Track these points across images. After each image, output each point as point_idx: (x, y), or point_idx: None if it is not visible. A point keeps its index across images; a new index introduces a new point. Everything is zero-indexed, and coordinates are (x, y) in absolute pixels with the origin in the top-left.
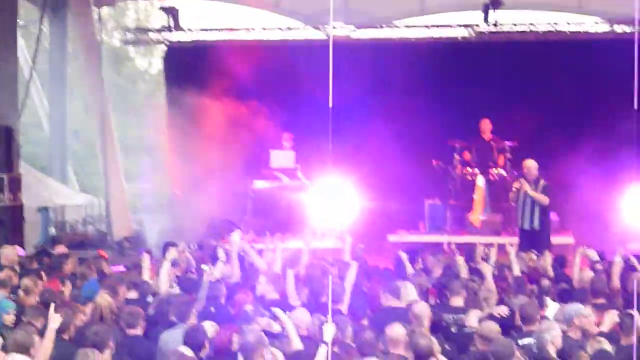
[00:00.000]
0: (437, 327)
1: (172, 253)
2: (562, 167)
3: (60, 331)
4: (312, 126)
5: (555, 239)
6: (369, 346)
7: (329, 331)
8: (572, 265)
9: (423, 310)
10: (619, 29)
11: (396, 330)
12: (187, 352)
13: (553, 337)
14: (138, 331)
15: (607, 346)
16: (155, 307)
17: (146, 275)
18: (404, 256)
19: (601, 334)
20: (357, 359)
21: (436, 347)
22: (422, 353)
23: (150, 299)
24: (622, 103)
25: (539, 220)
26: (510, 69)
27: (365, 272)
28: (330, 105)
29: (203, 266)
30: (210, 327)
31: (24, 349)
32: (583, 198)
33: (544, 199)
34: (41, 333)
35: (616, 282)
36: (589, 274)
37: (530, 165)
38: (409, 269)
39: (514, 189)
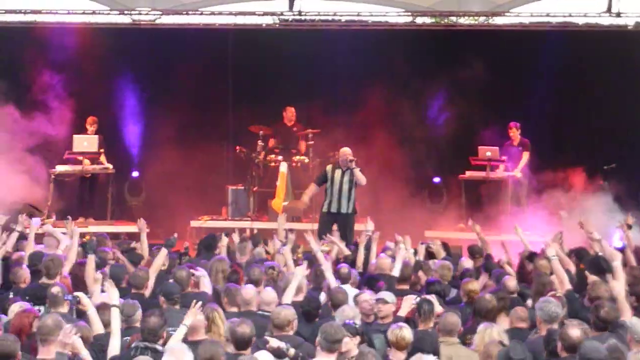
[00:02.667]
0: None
1: None
2: (363, 155)
3: None
4: (121, 110)
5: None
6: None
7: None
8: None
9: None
10: (420, 20)
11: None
12: None
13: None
14: None
15: (407, 331)
16: None
17: None
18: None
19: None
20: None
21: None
22: (242, 341)
23: None
24: (424, 91)
25: (349, 204)
26: (314, 57)
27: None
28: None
29: None
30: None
31: None
32: (384, 186)
33: (363, 179)
34: None
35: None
36: (385, 261)
37: (344, 151)
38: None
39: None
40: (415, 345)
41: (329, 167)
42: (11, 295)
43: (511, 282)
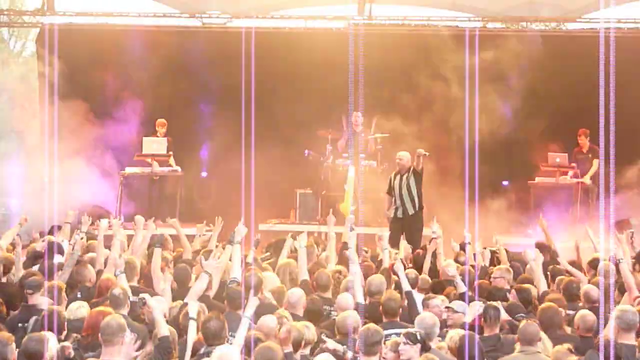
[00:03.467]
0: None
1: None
2: (432, 158)
3: None
4: (190, 113)
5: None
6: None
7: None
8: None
9: (299, 297)
10: (492, 25)
11: (268, 322)
12: (51, 337)
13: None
14: None
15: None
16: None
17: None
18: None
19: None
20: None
21: (313, 336)
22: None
23: None
24: (494, 96)
25: (414, 205)
26: (383, 61)
27: None
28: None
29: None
30: (81, 309)
31: None
32: (451, 189)
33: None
34: None
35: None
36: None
37: (404, 155)
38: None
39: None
40: (463, 351)
41: (391, 175)
42: (79, 295)
43: (594, 291)
